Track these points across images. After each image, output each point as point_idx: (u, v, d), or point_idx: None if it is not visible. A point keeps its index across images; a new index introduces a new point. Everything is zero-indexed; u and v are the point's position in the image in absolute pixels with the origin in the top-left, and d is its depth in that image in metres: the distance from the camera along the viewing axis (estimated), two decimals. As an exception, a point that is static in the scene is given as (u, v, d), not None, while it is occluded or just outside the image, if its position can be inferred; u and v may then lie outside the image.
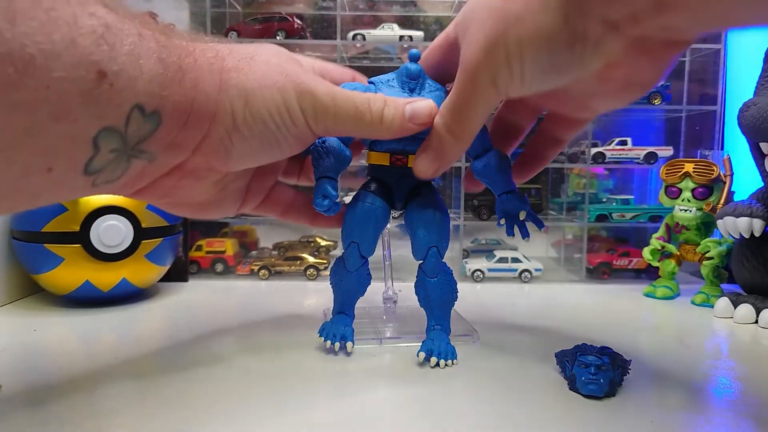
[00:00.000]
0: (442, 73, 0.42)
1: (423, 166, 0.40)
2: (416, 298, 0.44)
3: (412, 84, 0.41)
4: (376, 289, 0.49)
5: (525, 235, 0.43)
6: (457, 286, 0.44)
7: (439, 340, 0.42)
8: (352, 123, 0.37)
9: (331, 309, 0.46)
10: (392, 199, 0.44)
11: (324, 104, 0.35)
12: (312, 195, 0.41)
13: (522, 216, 0.42)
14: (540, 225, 0.43)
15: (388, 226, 0.46)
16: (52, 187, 0.26)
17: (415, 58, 0.42)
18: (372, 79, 0.43)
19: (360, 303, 0.45)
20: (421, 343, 0.42)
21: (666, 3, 0.27)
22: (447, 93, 0.42)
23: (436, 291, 0.43)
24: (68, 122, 0.24)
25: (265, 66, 0.34)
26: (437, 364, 0.41)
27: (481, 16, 0.33)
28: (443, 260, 0.43)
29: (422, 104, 0.39)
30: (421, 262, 0.43)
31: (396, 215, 0.45)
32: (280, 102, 0.34)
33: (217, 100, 0.32)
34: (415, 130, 0.39)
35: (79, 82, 0.24)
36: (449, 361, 0.41)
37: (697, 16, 0.27)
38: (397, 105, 0.38)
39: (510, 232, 0.43)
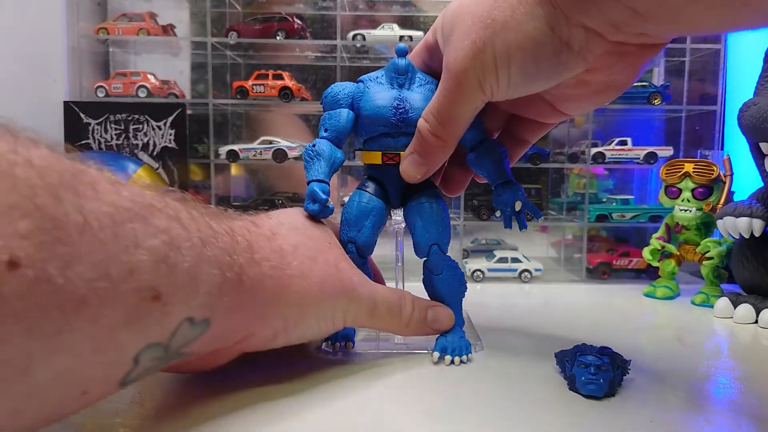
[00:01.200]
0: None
1: (410, 170, 0.40)
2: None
3: (401, 80, 0.41)
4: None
5: (522, 226, 0.43)
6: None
7: (452, 336, 0.42)
8: (385, 324, 0.41)
9: None
10: (389, 198, 0.44)
11: (364, 312, 0.38)
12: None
13: (518, 207, 0.42)
14: (537, 215, 0.43)
15: (402, 225, 0.46)
16: (83, 406, 0.24)
17: (402, 53, 0.42)
18: (361, 77, 0.43)
19: None
20: (422, 347, 0.43)
21: (642, 13, 0.28)
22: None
23: (444, 287, 0.43)
24: (109, 351, 0.22)
25: (325, 267, 0.35)
26: (452, 362, 0.41)
27: (464, 22, 0.34)
28: (447, 254, 0.43)
29: (445, 314, 0.42)
30: (424, 259, 0.43)
31: (398, 215, 0.45)
32: (329, 313, 0.36)
33: (275, 307, 0.33)
34: (432, 333, 0.42)
35: (130, 311, 0.22)
36: (464, 357, 0.41)
37: (670, 23, 0.29)
38: (422, 308, 0.41)
39: (508, 224, 0.43)
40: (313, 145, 0.41)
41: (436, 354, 0.41)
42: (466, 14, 0.34)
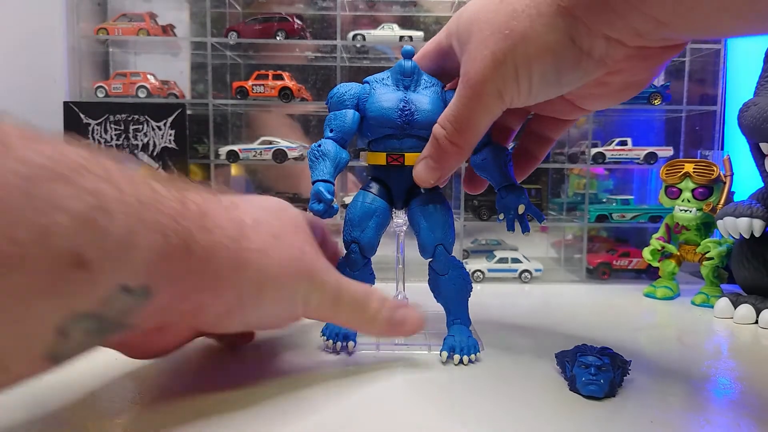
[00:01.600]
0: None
1: (424, 174, 0.40)
2: (425, 303, 0.44)
3: (406, 81, 0.41)
4: (390, 291, 0.48)
5: (525, 229, 0.43)
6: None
7: (459, 335, 0.42)
8: (346, 318, 0.39)
9: None
10: (392, 199, 0.44)
11: (327, 301, 0.36)
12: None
13: (521, 210, 0.42)
14: (540, 218, 0.43)
15: (404, 228, 0.46)
16: (8, 383, 0.23)
17: (409, 55, 0.42)
18: (367, 78, 0.43)
19: None
20: (423, 347, 0.42)
21: (666, 22, 0.27)
22: (444, 89, 0.43)
23: (450, 287, 0.43)
24: (25, 321, 0.21)
25: (289, 249, 0.34)
26: (461, 361, 0.41)
27: (482, 31, 0.34)
28: (452, 254, 0.43)
29: (415, 317, 0.40)
30: (430, 260, 0.43)
31: (401, 217, 0.45)
32: (288, 296, 0.34)
33: (230, 279, 0.30)
34: (398, 335, 0.41)
35: (45, 275, 0.20)
36: (472, 356, 0.41)
37: (693, 30, 0.29)
38: (391, 308, 0.39)
39: (511, 227, 0.43)
40: (319, 145, 0.41)
41: (445, 353, 0.41)
42: (483, 23, 0.34)
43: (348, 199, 0.45)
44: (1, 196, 0.19)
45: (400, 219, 0.45)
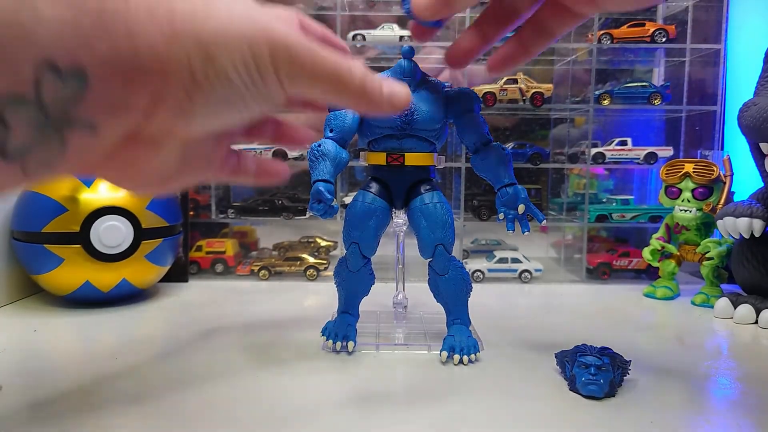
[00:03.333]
0: None
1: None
2: (425, 302, 0.44)
3: (406, 81, 0.42)
4: (390, 291, 0.49)
5: (525, 229, 0.43)
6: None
7: (459, 335, 0.42)
8: (330, 84, 0.31)
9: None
10: (392, 198, 0.44)
11: (301, 59, 0.29)
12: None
13: (521, 210, 0.42)
14: (540, 218, 0.43)
15: (404, 228, 0.46)
16: None
17: (409, 55, 0.42)
18: None
19: (372, 306, 0.45)
20: (423, 347, 0.43)
21: None
22: (445, 90, 0.43)
23: (450, 287, 0.43)
24: None
25: (228, 12, 0.28)
26: (460, 361, 0.41)
27: None
28: (452, 254, 0.43)
29: (400, 88, 0.33)
30: (429, 260, 0.43)
31: (401, 217, 0.45)
32: (248, 56, 0.28)
33: (168, 53, 0.26)
34: (389, 111, 0.34)
35: None
36: (472, 356, 0.41)
37: None
38: (377, 78, 0.32)
39: (510, 227, 0.43)
40: (319, 145, 0.41)
41: (444, 353, 0.41)
42: None
43: (348, 199, 0.45)
44: None
45: (399, 219, 0.45)
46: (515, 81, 0.74)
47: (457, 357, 0.41)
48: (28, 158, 0.23)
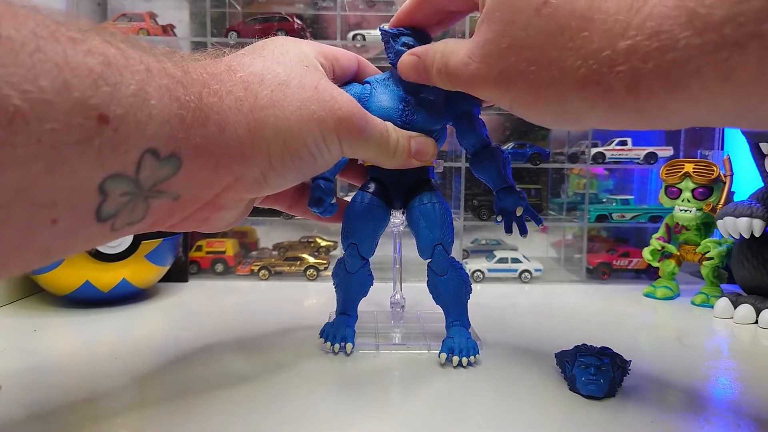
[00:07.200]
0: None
1: (407, 65, 0.38)
2: (422, 302, 0.44)
3: (407, 81, 0.41)
4: (387, 290, 0.49)
5: (523, 231, 0.43)
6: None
7: (458, 337, 0.42)
8: (375, 150, 0.37)
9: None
10: (391, 199, 0.44)
11: (358, 131, 0.35)
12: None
13: (519, 212, 0.42)
14: (538, 221, 0.43)
15: (401, 228, 0.46)
16: (63, 239, 0.24)
17: None
18: (368, 78, 0.43)
19: (369, 307, 0.45)
20: (422, 347, 0.42)
21: None
22: (444, 92, 0.42)
23: (449, 288, 0.43)
24: (66, 175, 0.22)
25: (300, 91, 0.32)
26: (459, 363, 0.41)
27: None
28: (451, 255, 0.43)
29: (425, 141, 0.39)
30: (428, 261, 0.43)
31: (398, 217, 0.45)
32: (318, 135, 0.33)
33: (251, 144, 0.30)
34: (416, 165, 0.40)
35: (77, 131, 0.21)
36: (471, 358, 0.41)
37: None
38: (404, 138, 0.39)
39: (508, 230, 0.43)
40: None
41: (443, 355, 0.41)
42: None
43: (347, 199, 0.45)
44: (14, 47, 0.19)
45: (397, 219, 0.45)
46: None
47: (456, 359, 0.41)
48: (117, 219, 0.26)
